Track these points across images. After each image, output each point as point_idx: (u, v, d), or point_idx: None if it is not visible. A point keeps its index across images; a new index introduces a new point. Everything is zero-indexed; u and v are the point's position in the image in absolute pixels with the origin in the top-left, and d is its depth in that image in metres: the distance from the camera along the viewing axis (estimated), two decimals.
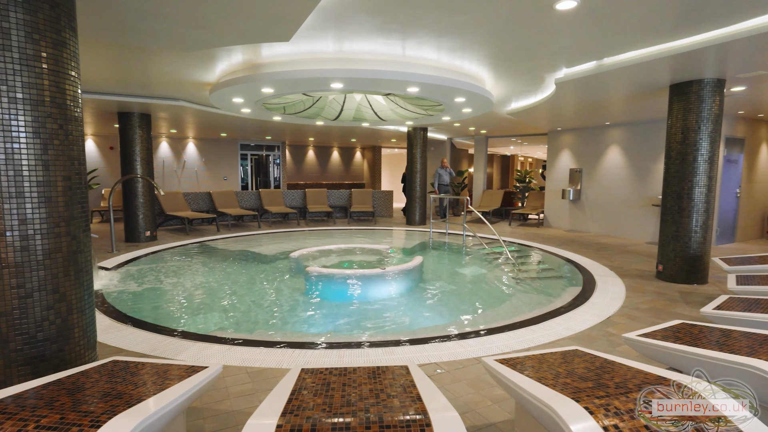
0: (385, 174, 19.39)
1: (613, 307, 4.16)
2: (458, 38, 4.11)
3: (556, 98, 6.28)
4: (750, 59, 4.25)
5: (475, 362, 2.92)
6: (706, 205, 5.10)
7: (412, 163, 10.55)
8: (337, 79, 4.87)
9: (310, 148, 16.69)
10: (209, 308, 4.33)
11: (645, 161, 8.44)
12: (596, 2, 3.16)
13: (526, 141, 14.23)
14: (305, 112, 7.65)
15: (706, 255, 5.18)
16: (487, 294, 5.04)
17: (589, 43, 4.16)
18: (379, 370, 1.82)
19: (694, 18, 3.47)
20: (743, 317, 2.70)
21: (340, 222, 11.28)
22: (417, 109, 7.43)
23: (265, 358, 2.95)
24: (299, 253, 6.16)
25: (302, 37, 4.14)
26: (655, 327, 2.47)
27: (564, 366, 1.85)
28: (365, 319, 4.07)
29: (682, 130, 5.11)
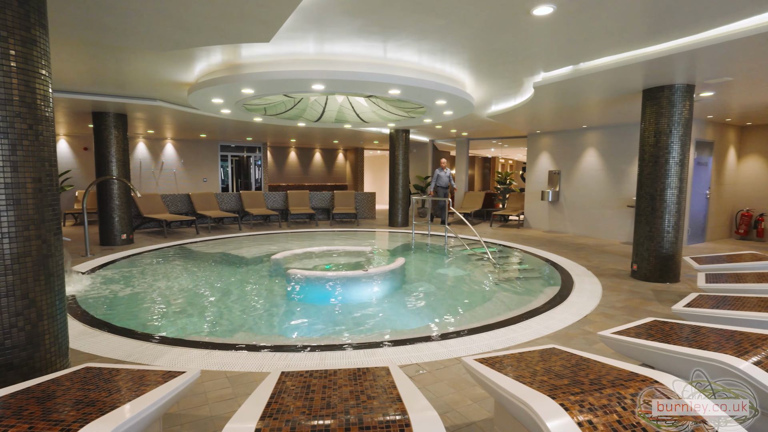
0: (368, 176, 19.40)
1: (590, 306, 4.26)
2: (439, 41, 4.16)
3: (535, 101, 6.40)
4: (717, 66, 4.43)
5: (456, 362, 2.95)
6: (678, 206, 5.28)
7: (395, 165, 10.58)
8: (318, 81, 4.85)
9: (292, 149, 16.57)
10: (188, 312, 4.25)
11: (620, 163, 8.68)
12: (572, 9, 3.24)
13: (507, 143, 14.45)
14: (286, 113, 7.60)
15: (677, 254, 5.36)
16: (468, 294, 5.10)
17: (566, 49, 4.26)
18: (359, 371, 1.83)
19: (663, 26, 3.59)
20: (712, 314, 2.80)
21: (323, 224, 11.22)
22: (399, 111, 7.47)
23: (245, 362, 2.92)
24: (281, 255, 6.11)
25: (283, 38, 4.11)
26: (629, 324, 2.54)
27: (541, 364, 1.89)
28: (348, 321, 4.06)
29: (654, 133, 5.28)
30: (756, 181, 8.94)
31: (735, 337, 2.11)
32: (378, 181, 19.31)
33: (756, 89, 5.52)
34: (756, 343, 1.99)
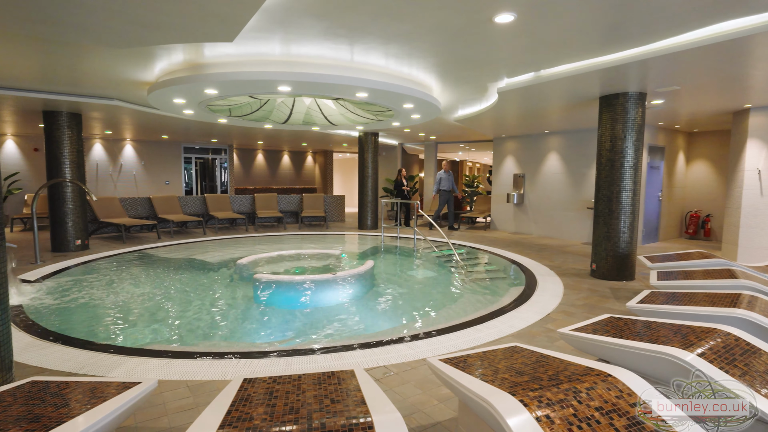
0: (337, 178, 19.30)
1: (552, 305, 4.40)
2: (405, 46, 4.20)
3: (499, 107, 6.57)
4: (666, 75, 4.70)
5: (423, 363, 2.98)
6: (633, 208, 5.55)
7: (364, 168, 10.58)
8: (285, 83, 4.79)
9: (259, 151, 16.27)
10: (148, 320, 4.08)
11: (580, 167, 9.04)
12: (531, 18, 3.35)
13: (474, 147, 14.76)
14: (252, 114, 7.46)
15: (633, 254, 5.63)
16: (436, 296, 5.15)
17: (527, 56, 4.41)
18: (324, 375, 1.81)
19: (616, 37, 3.78)
20: (662, 309, 2.96)
21: (291, 227, 11.07)
22: (367, 114, 7.48)
23: (207, 371, 2.83)
24: (247, 259, 5.97)
25: (247, 38, 4.04)
26: (587, 321, 2.64)
27: (504, 362, 1.93)
28: (316, 325, 4.02)
29: (610, 138, 5.54)
30: (703, 183, 9.54)
31: (682, 331, 2.23)
32: (347, 184, 19.25)
33: (701, 98, 5.89)
34: (700, 336, 2.11)
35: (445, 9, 3.22)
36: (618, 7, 3.15)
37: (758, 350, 2.03)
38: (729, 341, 2.04)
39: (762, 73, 4.59)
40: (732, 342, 2.05)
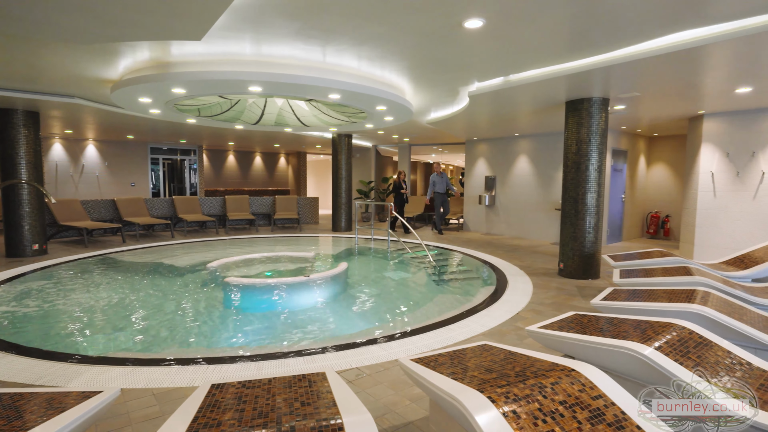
0: (311, 180, 19.14)
1: (521, 304, 4.51)
2: (378, 48, 4.22)
3: (470, 110, 6.69)
4: (627, 82, 4.91)
5: (395, 364, 2.99)
6: (597, 209, 5.76)
7: (338, 170, 10.54)
8: (256, 83, 4.72)
9: (230, 152, 15.94)
10: (111, 328, 3.92)
11: (549, 170, 9.31)
12: (500, 24, 3.44)
13: (447, 149, 14.95)
14: (222, 115, 7.30)
15: (598, 253, 5.84)
16: (410, 297, 5.19)
17: (497, 60, 4.51)
18: (295, 379, 1.79)
19: (581, 44, 3.92)
20: (624, 306, 3.08)
21: (264, 230, 10.89)
22: (340, 116, 7.47)
23: (174, 378, 2.75)
24: (218, 263, 5.84)
25: (217, 37, 3.96)
26: (553, 319, 2.72)
27: (473, 360, 1.97)
28: (289, 328, 3.97)
29: (576, 142, 5.74)
30: (662, 185, 10.00)
31: (641, 326, 2.34)
32: (321, 186, 19.12)
33: (659, 104, 6.19)
34: (658, 330, 2.22)
35: (416, 12, 3.25)
36: (583, 15, 3.27)
37: (710, 342, 2.15)
38: (684, 335, 2.15)
39: (714, 82, 4.87)
40: (686, 335, 2.16)
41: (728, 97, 5.59)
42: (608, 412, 1.52)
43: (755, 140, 6.36)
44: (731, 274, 4.09)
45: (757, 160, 6.35)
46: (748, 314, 2.77)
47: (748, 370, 1.98)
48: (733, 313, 2.68)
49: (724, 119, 6.64)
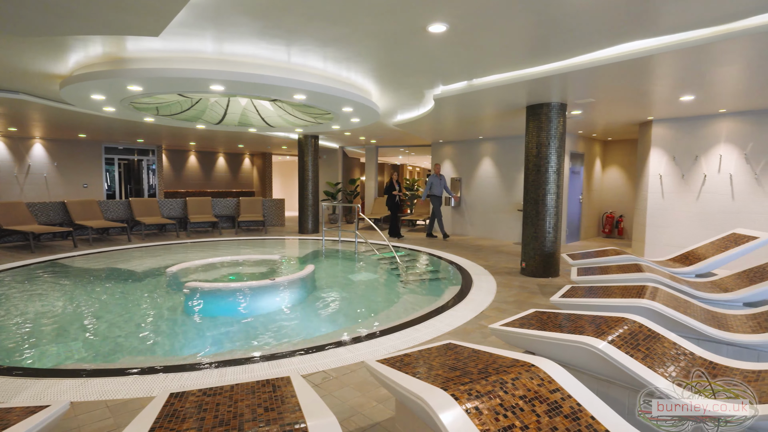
0: (277, 182, 18.82)
1: (485, 302, 4.62)
2: (343, 50, 4.21)
3: (436, 113, 6.80)
4: (583, 88, 5.14)
5: (362, 366, 2.99)
6: (557, 210, 5.99)
7: (304, 171, 10.42)
8: (217, 81, 4.60)
9: (191, 153, 15.42)
10: (61, 338, 3.69)
11: (511, 172, 9.60)
12: (462, 29, 3.52)
13: (413, 151, 15.11)
14: (183, 114, 7.06)
15: (557, 252, 6.08)
16: (378, 298, 5.20)
17: (460, 65, 4.61)
18: (258, 384, 1.76)
19: (540, 50, 4.08)
20: (581, 302, 3.22)
21: (227, 232, 10.60)
22: (306, 117, 7.39)
23: (130, 388, 2.62)
24: (178, 267, 5.63)
25: (176, 34, 3.83)
26: (515, 316, 2.81)
27: (438, 359, 2.00)
28: (254, 333, 3.88)
29: (536, 145, 5.94)
30: (616, 187, 10.53)
31: (596, 321, 2.45)
32: (288, 187, 18.84)
33: (612, 109, 6.52)
34: (611, 325, 2.33)
35: (380, 15, 3.28)
36: (541, 24, 3.40)
37: (657, 335, 2.28)
38: (634, 328, 2.28)
39: (662, 89, 5.18)
40: (637, 329, 2.28)
41: (674, 104, 5.96)
42: (565, 405, 1.59)
43: (698, 145, 6.81)
44: (677, 270, 4.37)
45: (699, 164, 6.81)
46: (691, 307, 2.96)
47: (691, 359, 2.12)
48: (678, 307, 2.86)
49: (670, 125, 7.07)
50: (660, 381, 1.87)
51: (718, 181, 6.63)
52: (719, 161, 6.59)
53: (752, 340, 2.48)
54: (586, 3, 3.01)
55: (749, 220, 6.34)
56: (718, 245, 4.54)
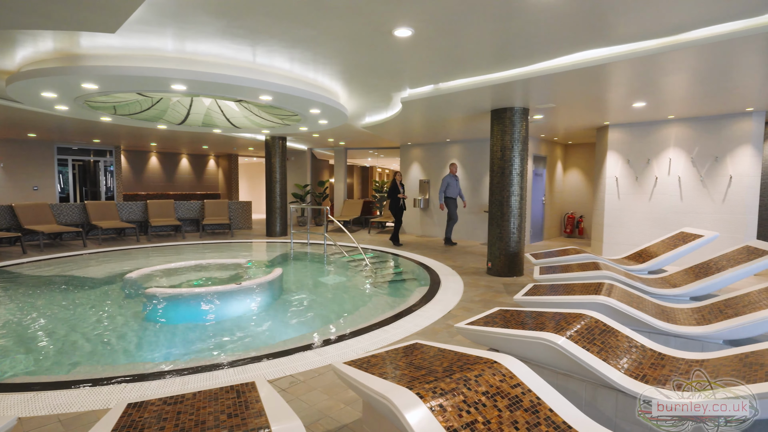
0: (244, 184, 18.42)
1: (453, 302, 4.71)
2: (310, 51, 4.19)
3: (403, 116, 6.86)
4: (544, 93, 5.33)
5: (330, 369, 2.98)
6: (520, 211, 6.18)
7: (271, 173, 10.26)
8: (179, 81, 4.47)
9: (152, 154, 14.85)
10: (6, 351, 3.47)
11: (478, 174, 9.82)
12: (429, 34, 3.58)
13: (383, 153, 15.17)
14: (143, 114, 6.80)
15: (521, 252, 6.26)
16: (347, 301, 5.18)
17: (427, 69, 4.68)
18: (222, 391, 1.72)
19: (504, 56, 4.20)
20: (543, 300, 3.34)
21: (191, 236, 10.27)
22: (273, 118, 7.29)
23: (86, 400, 2.50)
24: (138, 273, 5.41)
25: (135, 31, 3.69)
26: (480, 315, 2.88)
27: (404, 359, 2.03)
28: (219, 339, 3.78)
29: (501, 148, 6.11)
30: (576, 189, 10.97)
31: (556, 318, 2.55)
32: (255, 190, 18.46)
33: (572, 114, 6.80)
34: (569, 321, 2.43)
35: (345, 18, 3.29)
36: (503, 31, 3.51)
37: (612, 330, 2.41)
38: (590, 324, 2.39)
39: (616, 96, 5.45)
40: (593, 324, 2.39)
41: (627, 110, 6.29)
42: (525, 399, 1.65)
43: (650, 149, 7.21)
44: (631, 268, 4.60)
45: (651, 167, 7.20)
46: (643, 303, 3.13)
47: (642, 351, 2.25)
48: (631, 303, 3.02)
49: (625, 130, 7.45)
50: (613, 373, 1.98)
51: (668, 183, 7.04)
52: (669, 164, 6.99)
53: (696, 331, 2.65)
54: (547, 13, 3.14)
55: (696, 219, 6.76)
56: (668, 243, 4.82)
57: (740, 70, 4.24)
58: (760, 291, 2.85)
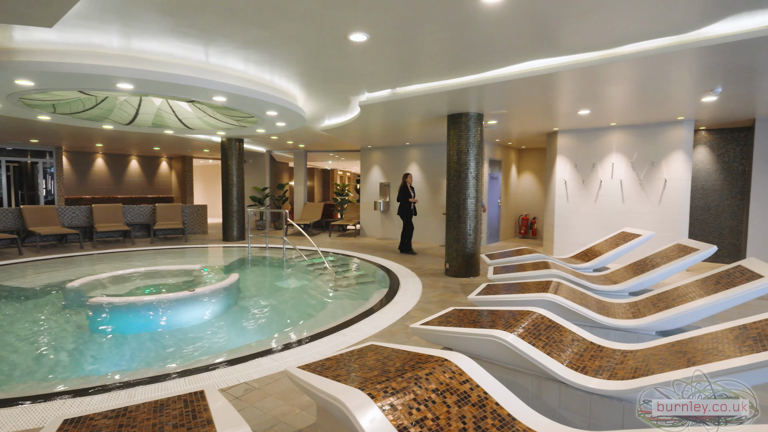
0: (199, 187, 17.77)
1: (411, 304, 4.77)
2: (265, 53, 4.13)
3: (362, 119, 6.90)
4: (497, 100, 5.54)
5: (286, 375, 2.94)
6: (476, 213, 6.37)
7: (228, 176, 9.97)
8: (125, 79, 4.27)
9: (98, 155, 14.02)
10: None
11: (437, 177, 10.02)
12: (383, 39, 3.63)
13: (343, 156, 15.14)
14: (86, 113, 6.43)
15: (477, 253, 6.45)
16: (306, 305, 5.13)
17: (384, 74, 4.74)
18: (168, 401, 1.67)
19: (457, 64, 4.34)
20: (495, 299, 3.47)
21: (142, 242, 9.79)
22: (228, 120, 7.10)
23: (19, 419, 2.33)
24: (81, 282, 5.11)
25: (76, 26, 3.50)
26: (434, 315, 2.95)
27: (358, 361, 2.04)
28: (171, 348, 3.64)
29: (457, 152, 6.28)
30: (530, 191, 11.45)
31: (506, 315, 2.66)
32: (211, 193, 17.85)
33: (523, 120, 7.10)
34: (518, 318, 2.55)
35: (299, 21, 3.28)
36: (457, 39, 3.62)
37: (557, 325, 2.54)
38: (537, 320, 2.51)
39: (564, 104, 5.76)
40: (539, 320, 2.52)
41: (574, 117, 6.65)
42: (473, 394, 1.71)
43: (595, 154, 7.65)
44: (578, 266, 4.87)
45: (596, 171, 7.65)
46: (586, 299, 3.32)
47: (584, 345, 2.39)
48: (575, 299, 3.20)
49: (572, 136, 7.87)
50: (556, 366, 2.09)
51: (611, 186, 7.50)
52: (612, 168, 7.45)
53: (632, 324, 2.85)
54: (498, 23, 3.27)
55: (636, 219, 7.24)
56: (610, 243, 5.14)
57: (671, 82, 4.60)
58: (687, 285, 3.11)
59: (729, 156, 7.25)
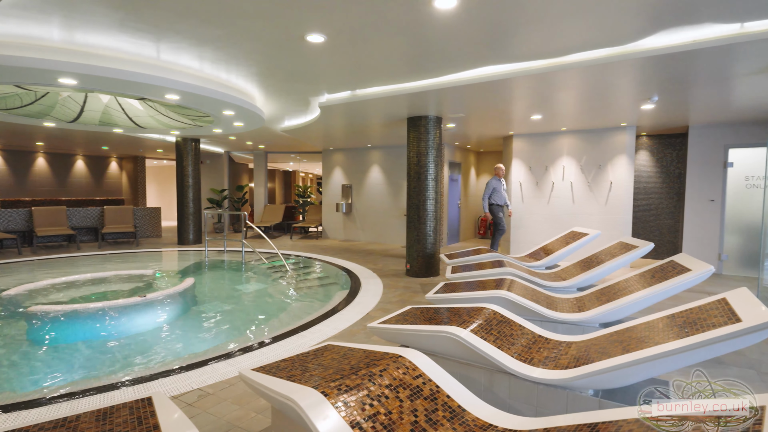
0: (153, 189, 17.01)
1: (372, 304, 4.80)
2: (221, 51, 4.04)
3: (322, 120, 6.87)
4: (454, 104, 5.69)
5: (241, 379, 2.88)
6: (436, 214, 6.50)
7: (183, 177, 9.62)
8: (67, 74, 4.04)
9: (39, 155, 13.10)
10: None
11: (398, 179, 10.13)
12: (341, 41, 3.65)
13: (305, 158, 14.96)
14: (24, 109, 6.01)
15: (437, 253, 6.59)
16: (265, 308, 5.04)
17: (343, 75, 4.75)
18: (112, 409, 1.60)
19: (415, 67, 4.42)
20: (451, 297, 3.56)
21: (88, 247, 9.25)
22: (182, 119, 6.86)
23: None
24: (18, 290, 4.77)
25: (12, 16, 3.28)
26: (392, 314, 2.99)
27: (314, 361, 2.05)
28: (120, 356, 3.47)
29: (416, 154, 6.39)
30: None
31: (460, 312, 2.74)
32: (166, 195, 17.13)
33: (481, 124, 7.33)
34: (472, 315, 2.63)
35: (256, 19, 3.24)
36: (413, 43, 3.70)
37: (508, 320, 2.65)
38: (489, 316, 2.61)
39: (519, 109, 5.99)
40: (491, 316, 2.62)
41: (527, 121, 6.94)
42: (425, 388, 1.76)
43: (547, 157, 8.01)
44: (531, 264, 5.08)
45: (549, 173, 8.01)
46: (537, 295, 3.48)
47: (532, 338, 2.51)
48: (527, 295, 3.35)
49: (526, 139, 8.20)
50: (506, 358, 2.19)
51: (562, 188, 7.87)
52: (563, 171, 7.83)
53: (577, 317, 3.02)
54: (452, 29, 3.37)
55: (585, 219, 7.64)
56: (561, 241, 5.40)
57: (614, 90, 4.91)
58: (627, 280, 3.33)
59: (667, 160, 7.81)
